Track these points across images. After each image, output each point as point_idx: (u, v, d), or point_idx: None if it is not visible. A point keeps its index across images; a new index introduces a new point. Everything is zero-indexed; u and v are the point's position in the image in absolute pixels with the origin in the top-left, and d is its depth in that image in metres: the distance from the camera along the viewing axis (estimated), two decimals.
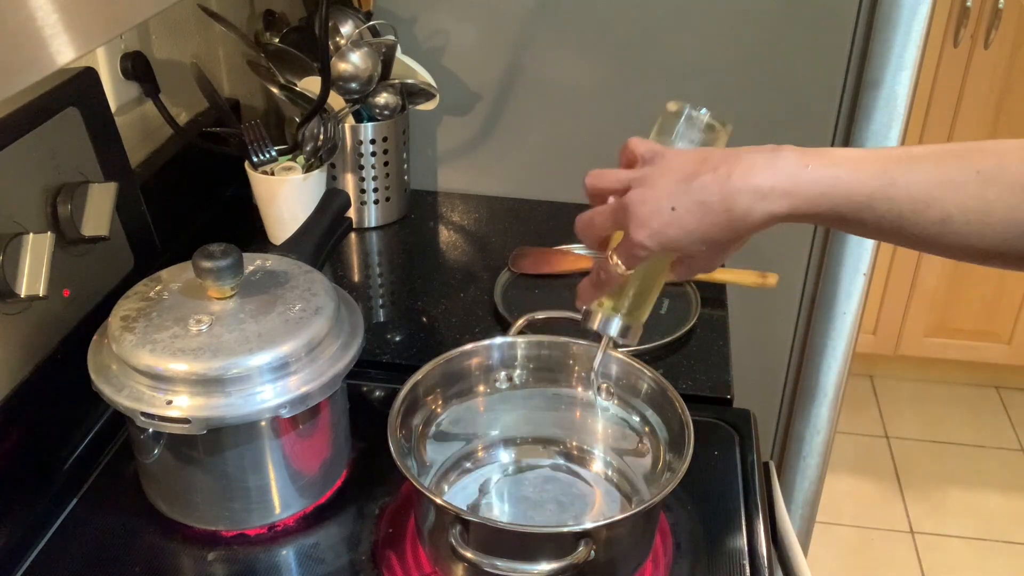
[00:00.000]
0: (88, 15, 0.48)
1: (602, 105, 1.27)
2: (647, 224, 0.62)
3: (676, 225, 0.61)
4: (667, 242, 0.62)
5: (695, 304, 1.06)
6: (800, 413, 1.42)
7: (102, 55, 0.97)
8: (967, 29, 1.92)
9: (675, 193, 0.61)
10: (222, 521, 0.77)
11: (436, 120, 1.31)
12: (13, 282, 0.72)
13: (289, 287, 0.77)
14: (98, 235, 0.82)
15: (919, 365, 2.43)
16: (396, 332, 1.04)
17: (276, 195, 1.11)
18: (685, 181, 0.61)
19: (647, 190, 0.62)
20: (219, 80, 1.24)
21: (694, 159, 0.62)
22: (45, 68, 0.44)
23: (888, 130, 1.19)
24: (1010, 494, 2.15)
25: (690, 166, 0.61)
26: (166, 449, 0.74)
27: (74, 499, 0.81)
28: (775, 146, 0.61)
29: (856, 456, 2.25)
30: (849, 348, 1.35)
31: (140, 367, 0.69)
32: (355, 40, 1.14)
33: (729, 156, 0.61)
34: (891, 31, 1.14)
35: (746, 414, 0.92)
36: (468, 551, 0.66)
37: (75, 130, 0.85)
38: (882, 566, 1.99)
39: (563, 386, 0.85)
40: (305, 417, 0.76)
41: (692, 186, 0.60)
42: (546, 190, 1.32)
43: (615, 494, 0.82)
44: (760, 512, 0.81)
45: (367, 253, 1.23)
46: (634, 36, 1.22)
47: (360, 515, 0.80)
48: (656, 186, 0.62)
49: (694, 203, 0.60)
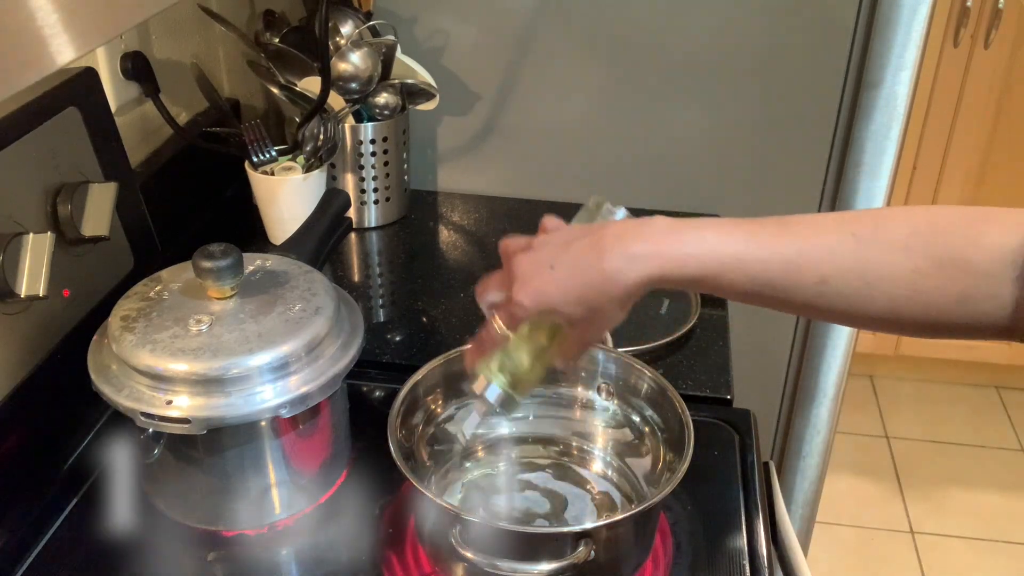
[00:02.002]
0: (88, 15, 0.48)
1: (602, 105, 1.27)
2: (527, 283, 0.64)
3: (553, 284, 0.63)
4: (544, 300, 0.64)
5: (695, 304, 1.06)
6: (800, 413, 1.42)
7: (102, 55, 0.97)
8: (967, 29, 1.92)
9: (555, 255, 0.64)
10: (222, 521, 0.77)
11: (436, 120, 1.31)
12: (13, 282, 0.72)
13: (289, 287, 0.77)
14: (98, 235, 0.82)
15: (919, 365, 2.43)
16: (396, 332, 1.04)
17: (276, 195, 1.11)
18: (566, 244, 0.64)
19: (533, 253, 0.65)
20: (219, 80, 1.24)
21: (581, 229, 0.66)
22: (45, 68, 0.44)
23: (888, 130, 1.19)
24: (1010, 494, 2.15)
25: (574, 233, 0.65)
26: (166, 449, 0.74)
27: (74, 499, 0.81)
28: (649, 217, 0.64)
29: (856, 456, 2.25)
30: (849, 348, 1.35)
31: (140, 367, 0.69)
32: (355, 40, 1.14)
33: (608, 225, 0.64)
34: (891, 31, 1.14)
35: (746, 414, 0.92)
36: (468, 551, 0.66)
37: (75, 130, 0.85)
38: (882, 566, 1.99)
39: (563, 386, 0.85)
40: (305, 417, 0.76)
41: (571, 248, 0.64)
42: (546, 190, 1.32)
43: (615, 494, 0.82)
44: (760, 512, 0.81)
45: (367, 253, 1.23)
46: (634, 36, 1.22)
47: (360, 515, 0.80)
48: (541, 250, 0.65)
49: (570, 263, 0.63)
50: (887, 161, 1.21)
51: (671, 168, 1.29)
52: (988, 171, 2.09)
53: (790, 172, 1.27)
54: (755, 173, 1.27)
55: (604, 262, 0.61)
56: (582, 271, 0.62)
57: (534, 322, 0.66)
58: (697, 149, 1.28)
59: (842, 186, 1.25)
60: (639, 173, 1.30)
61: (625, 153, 1.29)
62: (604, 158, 1.30)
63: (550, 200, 1.32)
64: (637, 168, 1.30)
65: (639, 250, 0.61)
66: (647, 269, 0.61)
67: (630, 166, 1.29)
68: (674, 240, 0.61)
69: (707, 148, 1.27)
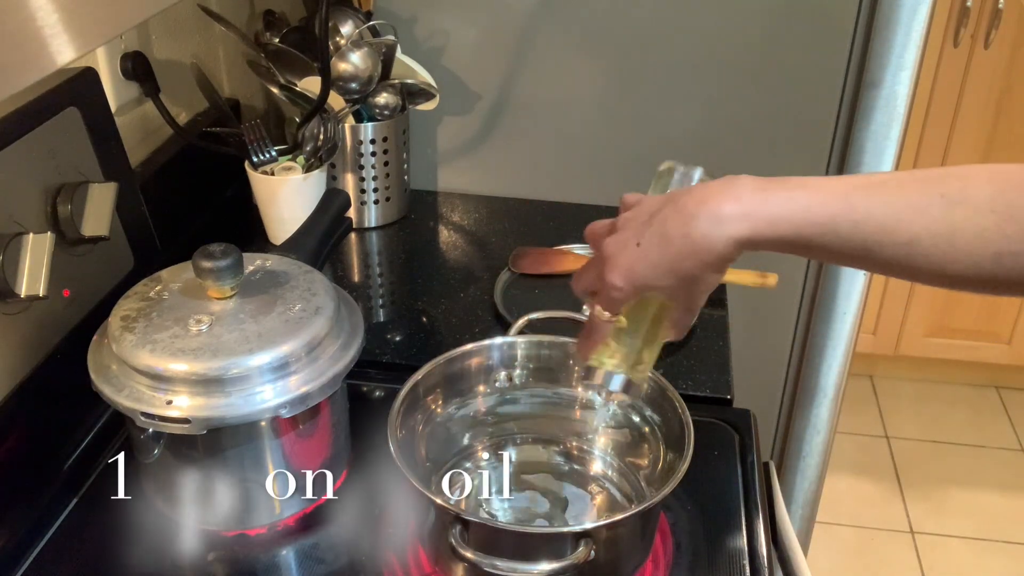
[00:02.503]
0: (88, 15, 0.48)
1: (602, 105, 1.27)
2: (617, 264, 0.63)
3: (642, 260, 0.62)
4: (636, 279, 0.62)
5: None
6: (800, 413, 1.42)
7: (102, 55, 0.97)
8: (967, 29, 1.92)
9: (640, 230, 0.62)
10: (222, 521, 0.77)
11: (436, 120, 1.31)
12: (13, 282, 0.72)
13: (289, 287, 0.77)
14: (98, 235, 0.82)
15: (919, 365, 2.43)
16: (396, 332, 1.04)
17: (276, 195, 1.11)
18: (649, 218, 0.62)
19: (619, 233, 0.64)
20: (219, 80, 1.24)
21: (661, 199, 0.63)
22: (45, 68, 0.44)
23: (888, 130, 1.19)
24: (1010, 494, 2.15)
25: (655, 204, 0.63)
26: (166, 449, 0.74)
27: (74, 499, 0.81)
28: (733, 176, 0.62)
29: (856, 456, 2.25)
30: (849, 348, 1.35)
31: (140, 367, 0.69)
32: (355, 40, 1.14)
33: (690, 190, 0.62)
34: (891, 31, 1.14)
35: (746, 414, 0.92)
36: (468, 551, 0.66)
37: (75, 130, 0.85)
38: (882, 566, 1.99)
39: (563, 386, 0.85)
40: (305, 417, 0.76)
41: (654, 220, 0.62)
42: (546, 190, 1.32)
43: (615, 494, 0.82)
44: (760, 512, 0.81)
45: (367, 253, 1.23)
46: (634, 36, 1.22)
47: (360, 515, 0.80)
48: (626, 228, 0.64)
49: (656, 236, 0.61)
50: (887, 161, 1.21)
51: None
52: None
53: (790, 172, 1.26)
54: (755, 173, 1.26)
55: (691, 229, 0.60)
56: (669, 242, 0.60)
57: (635, 302, 0.65)
58: (697, 149, 1.28)
59: None
60: (639, 173, 1.29)
61: (625, 153, 1.29)
62: (604, 158, 1.30)
63: (550, 200, 1.32)
64: (637, 168, 1.29)
65: (727, 211, 0.59)
66: (737, 231, 0.59)
67: (630, 166, 1.29)
68: (763, 200, 0.59)
69: (706, 148, 1.27)
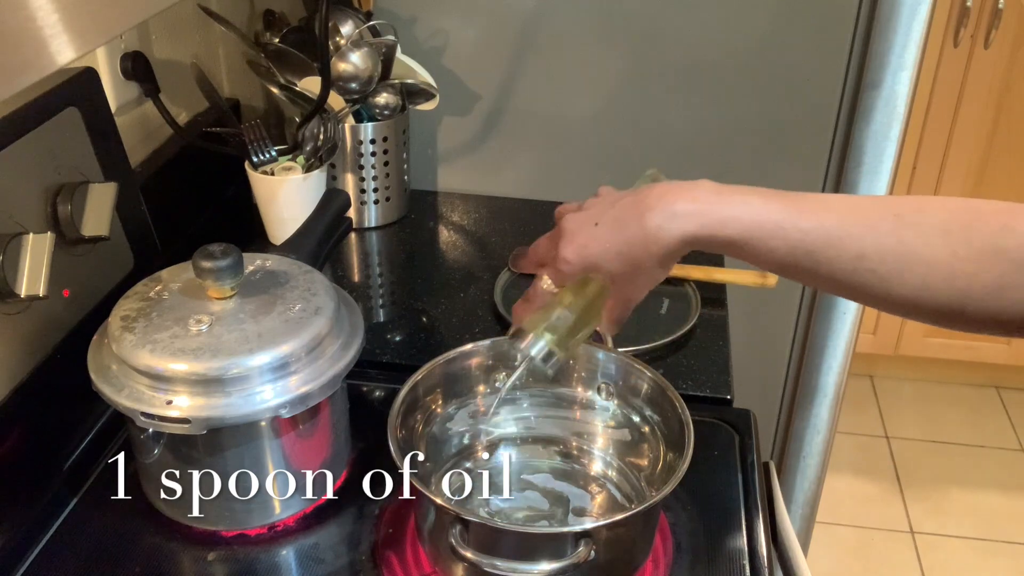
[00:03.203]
0: (88, 15, 0.48)
1: (601, 105, 1.27)
2: (572, 239, 0.66)
3: (596, 240, 0.65)
4: (587, 256, 0.66)
5: (695, 304, 1.06)
6: (800, 413, 1.42)
7: (102, 55, 0.97)
8: (967, 29, 1.92)
9: (600, 213, 0.66)
10: (222, 521, 0.77)
11: (436, 120, 1.31)
12: (13, 282, 0.72)
13: (289, 287, 0.77)
14: (98, 235, 0.82)
15: (919, 365, 2.43)
16: (396, 332, 1.04)
17: (276, 195, 1.11)
18: (611, 204, 0.66)
19: (581, 213, 0.68)
20: (219, 80, 1.24)
21: (628, 192, 0.67)
22: (45, 68, 0.44)
23: (888, 130, 1.19)
24: (1010, 494, 2.15)
25: (622, 194, 0.67)
26: (166, 449, 0.74)
27: (74, 499, 0.81)
28: (697, 180, 0.65)
29: (856, 456, 2.25)
30: (849, 348, 1.35)
31: (140, 367, 0.69)
32: (355, 40, 1.14)
33: (654, 186, 0.65)
34: (891, 31, 1.14)
35: (746, 414, 0.92)
36: (468, 551, 0.66)
37: (75, 130, 0.85)
38: (882, 566, 1.99)
39: (563, 386, 0.85)
40: (305, 417, 0.76)
41: (615, 206, 0.66)
42: (546, 190, 1.32)
43: (615, 494, 0.82)
44: (760, 512, 0.81)
45: (367, 253, 1.23)
46: (634, 36, 1.22)
47: (360, 515, 0.80)
48: (589, 209, 0.68)
49: (613, 220, 0.65)
50: (887, 161, 1.21)
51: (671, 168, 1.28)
52: (988, 171, 2.09)
53: (790, 172, 1.27)
54: (755, 173, 1.27)
55: (645, 219, 0.63)
56: (623, 227, 0.64)
57: (580, 280, 0.68)
58: (697, 149, 1.28)
59: (842, 186, 1.25)
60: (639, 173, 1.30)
61: (625, 153, 1.29)
62: (604, 158, 1.30)
63: (551, 200, 1.32)
64: (637, 167, 1.30)
65: (681, 208, 0.62)
66: (688, 227, 0.62)
67: (630, 166, 1.29)
68: (717, 201, 0.62)
69: (706, 148, 1.27)
